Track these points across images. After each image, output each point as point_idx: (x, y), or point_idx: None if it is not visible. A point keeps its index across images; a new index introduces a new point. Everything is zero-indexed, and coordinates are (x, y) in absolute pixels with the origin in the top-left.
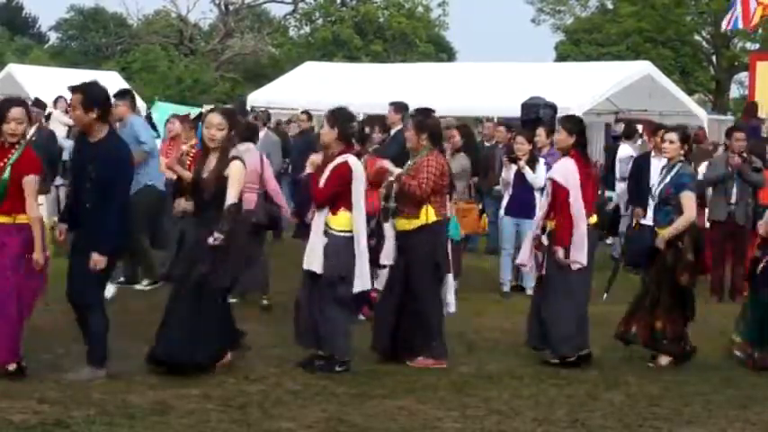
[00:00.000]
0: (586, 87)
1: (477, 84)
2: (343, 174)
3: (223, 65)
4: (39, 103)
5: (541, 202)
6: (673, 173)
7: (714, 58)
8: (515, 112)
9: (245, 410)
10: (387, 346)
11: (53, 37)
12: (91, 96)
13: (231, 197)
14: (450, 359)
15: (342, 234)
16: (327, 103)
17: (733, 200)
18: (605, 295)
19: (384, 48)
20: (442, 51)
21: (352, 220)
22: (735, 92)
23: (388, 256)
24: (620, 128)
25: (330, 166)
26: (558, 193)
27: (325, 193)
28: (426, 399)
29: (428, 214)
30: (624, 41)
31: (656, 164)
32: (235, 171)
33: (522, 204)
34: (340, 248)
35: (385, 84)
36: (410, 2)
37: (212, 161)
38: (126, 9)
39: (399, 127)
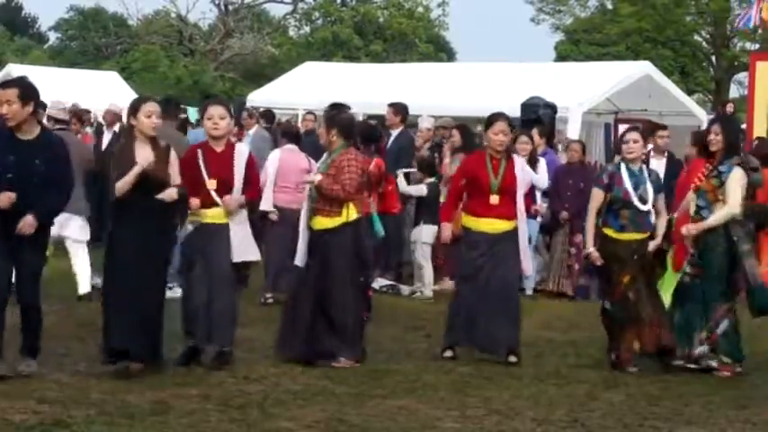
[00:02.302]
0: (586, 87)
1: (477, 84)
2: None
3: (223, 65)
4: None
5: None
6: (645, 175)
7: (714, 58)
8: (515, 112)
9: (245, 410)
10: (301, 349)
11: (53, 37)
12: (26, 90)
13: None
14: (451, 359)
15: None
16: (327, 103)
17: None
18: None
19: (384, 48)
20: (441, 51)
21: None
22: (734, 92)
23: (300, 258)
24: None
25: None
26: None
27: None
28: (426, 399)
29: (349, 212)
30: (624, 42)
31: (655, 164)
32: (176, 159)
33: None
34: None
35: (385, 84)
36: (410, 2)
37: (145, 150)
38: (126, 9)
39: (399, 129)
